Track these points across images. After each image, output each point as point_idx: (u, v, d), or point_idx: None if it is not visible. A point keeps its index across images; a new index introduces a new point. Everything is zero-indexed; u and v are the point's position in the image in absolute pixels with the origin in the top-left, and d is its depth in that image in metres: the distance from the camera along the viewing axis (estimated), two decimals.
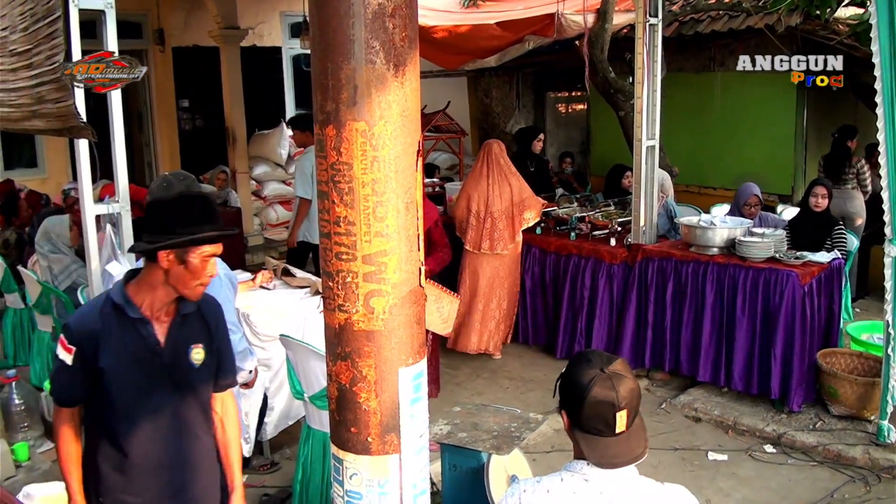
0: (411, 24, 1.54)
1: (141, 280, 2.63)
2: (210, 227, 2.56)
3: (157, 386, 2.65)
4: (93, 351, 2.55)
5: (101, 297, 2.69)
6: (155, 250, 2.53)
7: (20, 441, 5.38)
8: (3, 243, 8.02)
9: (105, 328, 2.57)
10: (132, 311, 2.59)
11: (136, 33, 11.63)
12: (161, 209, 2.61)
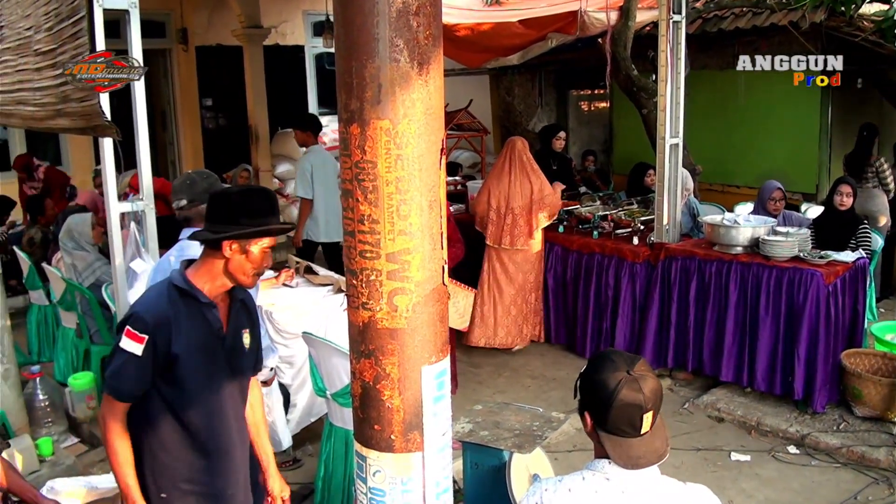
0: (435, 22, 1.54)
1: (200, 268, 2.69)
2: (272, 220, 2.64)
3: (220, 370, 2.73)
4: (166, 338, 2.58)
5: (161, 285, 2.73)
6: (221, 239, 2.59)
7: (44, 436, 5.43)
8: (29, 241, 8.10)
9: (175, 314, 2.62)
10: (202, 297, 2.66)
11: (160, 33, 11.70)
12: (227, 200, 2.67)
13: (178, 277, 2.69)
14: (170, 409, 2.68)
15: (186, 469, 2.70)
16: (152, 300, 2.68)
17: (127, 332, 2.58)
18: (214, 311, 2.71)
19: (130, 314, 2.64)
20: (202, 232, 2.68)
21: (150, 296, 2.73)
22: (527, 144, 7.17)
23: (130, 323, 2.59)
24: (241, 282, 2.68)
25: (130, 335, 2.57)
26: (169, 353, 2.59)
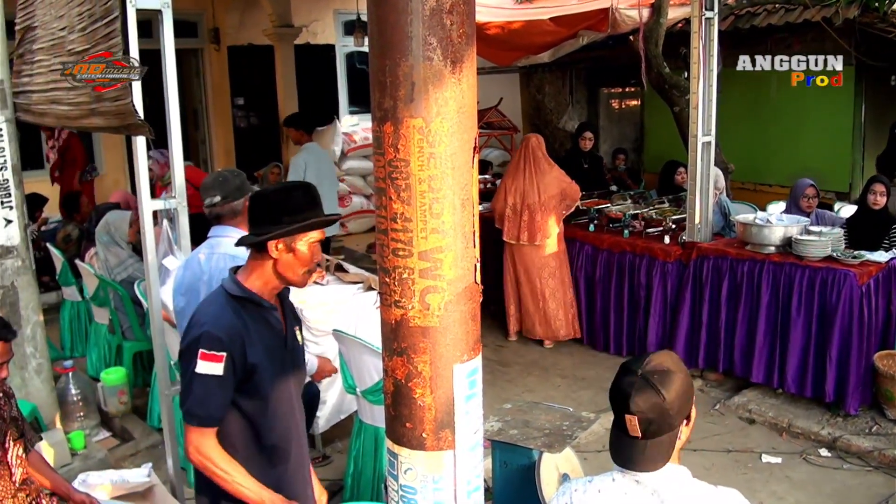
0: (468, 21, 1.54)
1: (251, 273, 2.64)
2: (314, 214, 2.58)
3: (286, 372, 2.70)
4: (242, 350, 2.52)
5: (217, 297, 2.66)
6: (265, 241, 2.54)
7: (76, 430, 5.50)
8: (64, 238, 8.19)
9: (244, 323, 2.56)
10: (264, 301, 2.62)
11: (192, 32, 11.80)
12: (265, 201, 2.63)
13: (233, 286, 2.63)
14: (249, 421, 2.63)
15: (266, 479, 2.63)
16: (217, 314, 2.59)
17: (202, 354, 2.48)
18: (276, 314, 2.67)
19: (199, 334, 2.53)
20: (247, 237, 2.64)
21: (213, 310, 2.62)
22: (542, 141, 7.24)
23: (203, 344, 2.50)
24: (292, 281, 2.63)
25: (207, 357, 2.48)
26: (246, 364, 2.54)
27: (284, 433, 2.69)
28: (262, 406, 2.60)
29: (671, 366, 2.15)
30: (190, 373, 2.51)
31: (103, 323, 6.79)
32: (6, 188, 5.00)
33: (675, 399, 2.11)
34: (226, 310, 2.57)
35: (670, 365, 2.15)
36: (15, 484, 3.64)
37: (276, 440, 2.65)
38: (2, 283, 5.07)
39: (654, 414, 2.11)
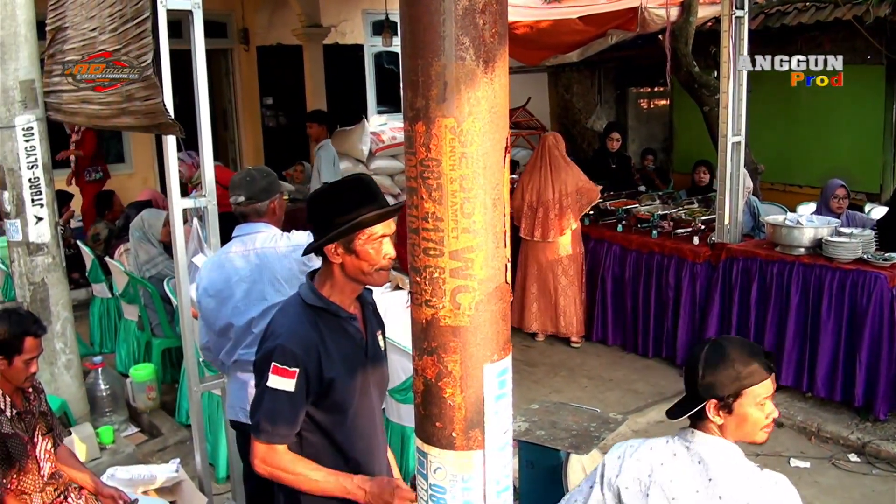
0: (501, 20, 1.53)
1: (325, 280, 2.51)
2: (368, 208, 2.40)
3: (368, 383, 2.58)
4: (317, 365, 2.41)
5: (294, 306, 2.52)
6: (320, 247, 2.44)
7: (105, 425, 5.57)
8: (94, 237, 8.28)
9: (321, 336, 2.44)
10: (342, 311, 2.50)
11: (222, 33, 11.89)
12: (317, 204, 2.50)
13: (310, 294, 2.49)
14: (327, 437, 2.52)
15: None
16: (293, 326, 2.45)
17: (274, 368, 2.36)
18: (355, 324, 2.54)
19: (273, 347, 2.40)
20: (309, 244, 2.53)
21: (288, 321, 2.48)
22: (560, 140, 7.30)
23: (276, 357, 2.38)
24: (366, 281, 2.48)
25: (279, 371, 2.36)
26: (322, 379, 2.42)
27: (366, 448, 2.59)
28: (342, 420, 2.50)
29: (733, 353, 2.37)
30: (262, 385, 2.42)
31: (132, 319, 6.87)
32: (37, 186, 5.06)
33: (706, 375, 2.36)
34: (301, 321, 2.45)
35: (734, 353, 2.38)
36: (44, 478, 3.68)
37: (357, 455, 2.55)
38: (32, 279, 5.14)
39: (690, 376, 2.42)
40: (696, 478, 2.36)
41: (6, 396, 3.59)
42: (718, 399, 2.36)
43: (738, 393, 2.37)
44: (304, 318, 2.44)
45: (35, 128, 5.06)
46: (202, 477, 4.46)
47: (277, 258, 3.54)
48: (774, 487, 2.30)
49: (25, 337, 3.53)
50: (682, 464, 2.39)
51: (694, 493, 2.34)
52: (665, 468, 2.41)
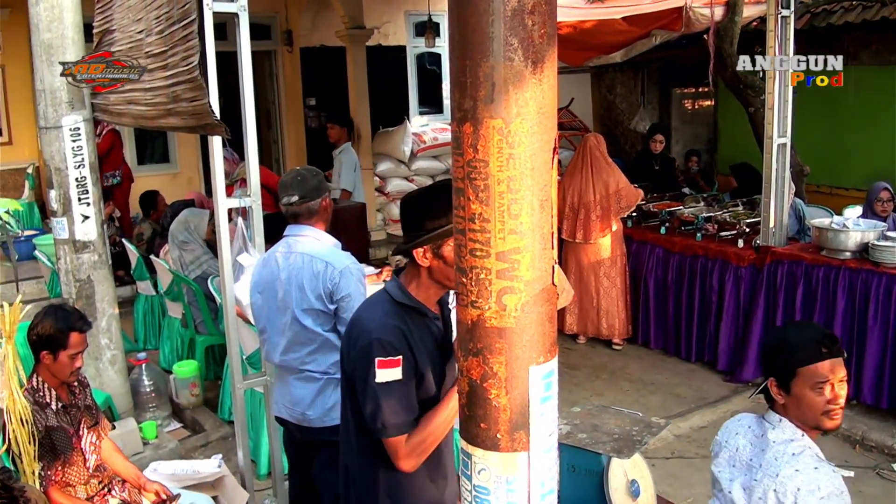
0: (550, 21, 1.52)
1: (411, 278, 2.55)
2: None
3: (446, 381, 2.59)
4: (411, 355, 2.43)
5: (379, 302, 2.56)
6: (409, 250, 2.47)
7: (148, 420, 5.65)
8: (138, 236, 8.41)
9: (409, 330, 2.47)
10: (429, 311, 2.54)
11: (266, 34, 11.99)
12: (409, 207, 2.54)
13: (399, 292, 2.53)
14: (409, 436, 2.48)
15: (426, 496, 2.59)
16: (382, 319, 2.48)
17: (378, 363, 2.37)
18: (438, 324, 2.58)
19: (369, 343, 2.42)
20: (399, 245, 2.56)
21: (378, 315, 2.51)
22: (601, 141, 7.27)
23: (376, 352, 2.39)
24: (450, 287, 2.51)
25: (384, 364, 2.37)
26: (416, 370, 2.45)
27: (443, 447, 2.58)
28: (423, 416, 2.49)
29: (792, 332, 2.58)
30: (371, 387, 2.40)
31: (176, 317, 6.95)
32: (84, 185, 5.15)
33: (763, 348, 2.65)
34: (390, 315, 2.48)
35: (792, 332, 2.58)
36: (89, 470, 3.75)
37: (434, 455, 2.53)
38: (78, 276, 5.23)
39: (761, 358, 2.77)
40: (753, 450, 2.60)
41: (52, 390, 3.65)
42: (776, 377, 2.51)
43: (792, 372, 2.46)
44: (392, 313, 2.48)
45: (82, 128, 5.14)
46: (244, 473, 4.50)
47: (310, 267, 3.58)
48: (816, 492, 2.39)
49: (71, 332, 3.60)
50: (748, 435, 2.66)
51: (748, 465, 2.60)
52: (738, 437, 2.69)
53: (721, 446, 2.77)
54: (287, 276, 3.61)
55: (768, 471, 2.45)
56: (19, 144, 11.27)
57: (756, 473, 2.51)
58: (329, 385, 3.68)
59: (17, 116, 11.16)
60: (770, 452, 2.50)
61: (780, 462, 2.44)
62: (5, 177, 10.91)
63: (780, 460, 2.45)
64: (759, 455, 2.55)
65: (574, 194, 7.05)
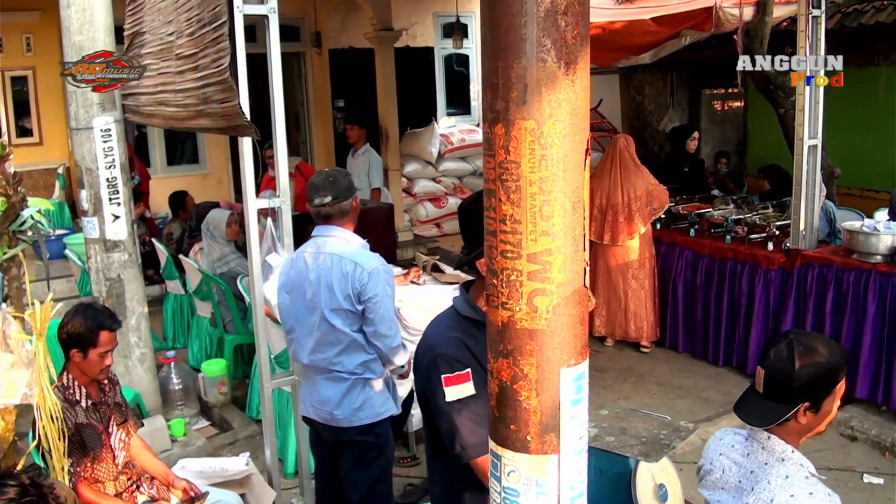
0: (583, 22, 1.52)
1: (479, 291, 2.42)
2: None
3: None
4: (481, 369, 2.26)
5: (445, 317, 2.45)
6: (470, 261, 2.36)
7: (177, 418, 5.70)
8: (168, 236, 8.49)
9: (476, 344, 2.34)
10: None
11: (295, 36, 12.05)
12: (468, 216, 2.42)
13: (465, 306, 2.42)
14: None
15: None
16: (443, 333, 2.38)
17: (446, 380, 2.24)
18: None
19: (433, 359, 2.30)
20: (462, 259, 2.45)
21: (440, 331, 2.41)
22: (631, 142, 7.23)
23: (442, 369, 2.26)
24: None
25: (452, 380, 2.25)
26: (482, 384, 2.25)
27: None
28: None
29: (822, 349, 2.24)
30: (442, 407, 2.26)
31: (205, 316, 7.00)
32: (114, 185, 5.20)
33: (804, 375, 2.21)
34: (452, 328, 2.37)
35: (821, 348, 2.24)
36: (118, 466, 3.78)
37: None
38: (109, 275, 5.28)
39: (780, 377, 2.26)
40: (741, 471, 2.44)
41: (82, 388, 3.69)
42: (812, 400, 2.29)
43: (829, 392, 2.29)
44: (457, 327, 2.36)
45: (112, 129, 5.19)
46: (271, 471, 4.52)
47: (339, 268, 3.60)
48: None
49: (100, 331, 3.64)
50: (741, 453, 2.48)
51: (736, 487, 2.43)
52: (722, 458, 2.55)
53: (707, 469, 2.65)
54: (316, 277, 3.63)
55: (761, 496, 2.31)
56: (50, 145, 11.40)
57: (747, 496, 2.36)
58: (357, 385, 3.70)
59: (48, 118, 11.30)
60: (762, 475, 2.35)
61: (773, 487, 2.29)
62: (36, 177, 11.04)
63: (773, 484, 2.30)
64: (749, 477, 2.40)
65: (602, 196, 7.02)
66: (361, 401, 3.70)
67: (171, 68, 4.47)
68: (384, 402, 3.77)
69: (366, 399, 3.71)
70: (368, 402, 3.71)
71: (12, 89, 11.06)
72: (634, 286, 7.03)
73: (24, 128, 11.35)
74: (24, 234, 3.20)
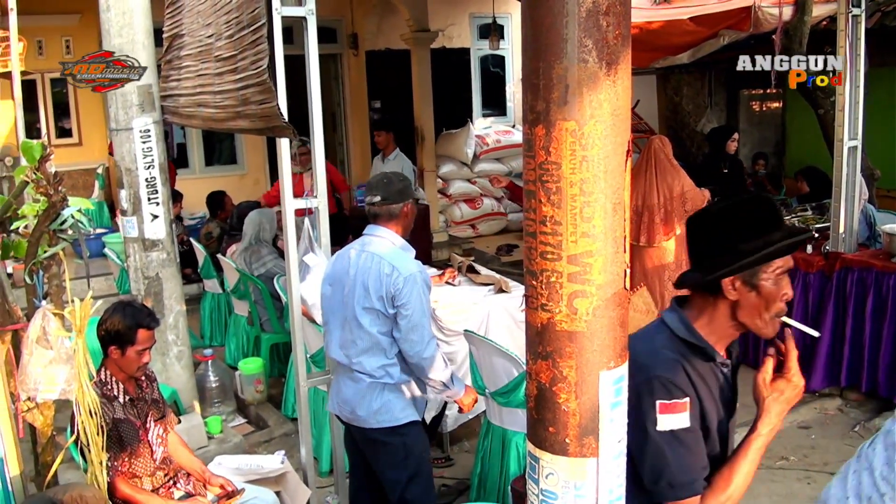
0: (625, 22, 1.51)
1: (701, 313, 2.14)
2: (778, 234, 2.04)
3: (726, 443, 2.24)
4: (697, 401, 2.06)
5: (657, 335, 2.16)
6: (717, 280, 2.05)
7: (213, 415, 5.75)
8: (206, 235, 8.57)
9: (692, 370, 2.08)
10: (715, 353, 2.13)
11: (332, 38, 12.12)
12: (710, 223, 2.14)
13: (681, 327, 2.11)
14: None
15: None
16: (661, 353, 2.07)
17: (661, 407, 1.98)
18: (727, 372, 2.17)
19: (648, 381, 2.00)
20: (691, 277, 2.14)
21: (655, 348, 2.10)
22: (666, 142, 7.15)
23: (657, 393, 1.99)
24: (757, 329, 2.09)
25: (667, 408, 1.98)
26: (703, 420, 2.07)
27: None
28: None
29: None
30: (651, 437, 1.99)
31: (242, 315, 7.06)
32: (153, 185, 5.26)
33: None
34: (669, 349, 2.09)
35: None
36: (155, 462, 3.82)
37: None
38: (147, 273, 5.35)
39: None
40: None
41: (119, 384, 3.74)
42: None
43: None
44: (672, 348, 2.09)
45: (151, 130, 5.26)
46: (306, 469, 4.54)
47: (377, 268, 3.61)
48: None
49: (139, 329, 3.68)
50: None
51: None
52: None
53: None
54: (355, 273, 3.66)
55: None
56: (89, 145, 11.57)
57: None
58: (374, 388, 3.69)
59: (87, 119, 11.47)
60: None
61: None
62: (76, 177, 11.21)
63: None
64: None
65: (637, 197, 6.96)
66: (379, 404, 3.69)
67: (209, 70, 4.52)
68: (404, 408, 3.73)
69: (384, 403, 3.70)
70: (386, 407, 3.69)
71: (52, 91, 11.23)
72: (671, 288, 6.98)
73: (63, 129, 11.53)
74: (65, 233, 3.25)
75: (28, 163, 3.10)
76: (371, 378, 3.69)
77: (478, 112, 13.01)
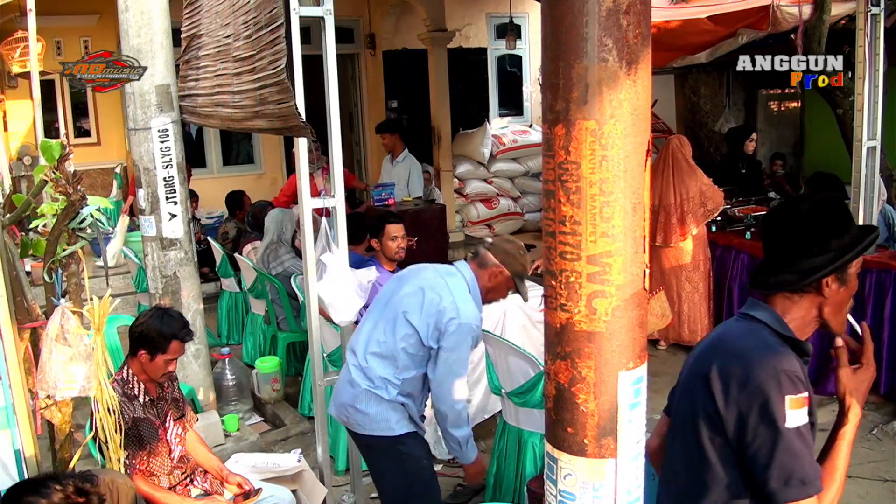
0: (645, 21, 1.50)
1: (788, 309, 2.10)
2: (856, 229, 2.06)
3: None
4: None
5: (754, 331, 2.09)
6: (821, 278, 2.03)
7: (230, 413, 5.77)
8: (223, 235, 8.59)
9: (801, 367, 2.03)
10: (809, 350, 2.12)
11: (349, 38, 12.12)
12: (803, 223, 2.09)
13: (778, 323, 2.07)
14: None
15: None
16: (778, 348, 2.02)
17: (791, 402, 1.90)
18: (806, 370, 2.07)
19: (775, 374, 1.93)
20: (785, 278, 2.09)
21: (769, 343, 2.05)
22: (685, 142, 7.12)
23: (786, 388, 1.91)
24: (836, 325, 2.10)
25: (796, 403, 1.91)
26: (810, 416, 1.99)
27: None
28: None
29: None
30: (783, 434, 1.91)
31: (259, 313, 7.08)
32: (171, 185, 5.28)
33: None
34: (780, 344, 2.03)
35: None
36: (173, 460, 3.84)
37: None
38: (165, 272, 5.37)
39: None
40: None
41: (141, 383, 3.76)
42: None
43: None
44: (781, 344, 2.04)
45: (170, 130, 5.28)
46: (322, 468, 4.55)
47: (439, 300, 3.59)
48: None
49: (173, 340, 3.70)
50: None
51: None
52: None
53: None
54: (423, 286, 3.60)
55: None
56: (107, 145, 11.62)
57: None
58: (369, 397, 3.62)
59: (105, 118, 11.52)
60: None
61: None
62: (94, 176, 11.26)
63: None
64: None
65: (654, 197, 6.93)
66: (373, 413, 3.63)
67: (227, 70, 4.53)
68: (398, 421, 3.66)
69: (377, 413, 3.63)
70: (381, 416, 3.63)
71: (70, 91, 11.30)
72: (688, 288, 6.95)
73: (81, 128, 11.59)
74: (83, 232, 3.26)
75: (47, 162, 3.12)
76: (368, 384, 3.62)
77: (494, 112, 12.98)
